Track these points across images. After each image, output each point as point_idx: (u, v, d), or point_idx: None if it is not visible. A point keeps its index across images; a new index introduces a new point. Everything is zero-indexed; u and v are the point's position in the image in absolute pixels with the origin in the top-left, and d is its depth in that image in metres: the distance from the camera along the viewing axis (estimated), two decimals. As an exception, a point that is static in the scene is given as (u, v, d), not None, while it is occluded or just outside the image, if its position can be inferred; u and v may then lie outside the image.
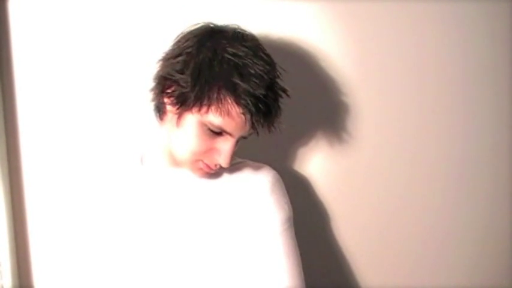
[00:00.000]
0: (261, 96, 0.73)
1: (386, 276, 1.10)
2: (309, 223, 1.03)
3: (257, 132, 0.78)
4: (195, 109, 0.74)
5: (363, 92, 1.03)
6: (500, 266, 1.14)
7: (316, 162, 1.05)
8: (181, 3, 0.97)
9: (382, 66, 1.04)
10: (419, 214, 1.10)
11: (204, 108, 0.74)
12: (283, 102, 0.79)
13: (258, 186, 0.83)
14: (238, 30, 0.79)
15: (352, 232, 1.08)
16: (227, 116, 0.73)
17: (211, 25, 0.80)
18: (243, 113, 0.73)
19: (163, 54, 0.81)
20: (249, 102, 0.72)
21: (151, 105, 0.85)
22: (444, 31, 1.04)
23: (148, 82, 0.83)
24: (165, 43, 0.82)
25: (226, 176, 0.85)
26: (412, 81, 1.05)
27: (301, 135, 1.05)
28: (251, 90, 0.72)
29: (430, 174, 1.09)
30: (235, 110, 0.73)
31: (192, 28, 0.80)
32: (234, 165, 0.86)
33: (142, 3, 0.97)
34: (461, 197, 1.11)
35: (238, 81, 0.72)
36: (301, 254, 0.83)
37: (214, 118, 0.74)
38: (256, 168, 0.86)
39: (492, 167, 1.10)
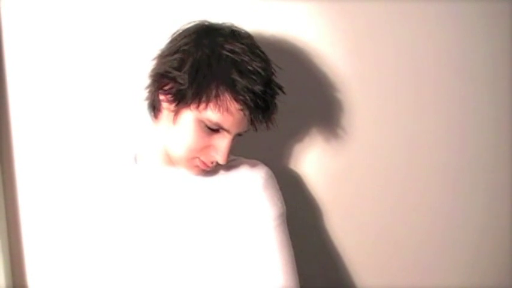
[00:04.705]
0: (260, 92, 0.73)
1: (382, 273, 1.09)
2: (302, 220, 1.02)
3: (255, 129, 0.78)
4: (193, 106, 0.74)
5: (359, 89, 1.03)
6: (499, 265, 1.12)
7: (311, 160, 1.05)
8: (175, 1, 0.97)
9: (380, 63, 1.03)
10: (415, 212, 1.08)
11: (203, 105, 0.74)
12: (278, 99, 0.80)
13: (251, 182, 0.84)
14: (234, 28, 0.79)
15: (346, 230, 1.07)
16: (226, 112, 0.74)
17: (207, 23, 0.80)
18: (242, 109, 0.74)
19: (159, 52, 0.80)
20: (248, 98, 0.73)
21: (144, 104, 0.84)
22: (443, 30, 1.04)
23: (142, 81, 0.83)
24: (158, 42, 0.82)
25: (219, 173, 0.85)
26: (409, 79, 1.04)
27: (296, 133, 1.04)
28: (249, 86, 0.72)
29: (426, 172, 1.08)
30: (234, 106, 0.74)
31: (188, 26, 0.80)
32: (227, 163, 0.86)
33: (135, 1, 0.97)
34: (460, 195, 1.09)
35: (236, 77, 0.72)
36: (294, 252, 0.84)
37: (212, 115, 0.74)
38: (249, 164, 0.87)
39: (491, 164, 1.09)
